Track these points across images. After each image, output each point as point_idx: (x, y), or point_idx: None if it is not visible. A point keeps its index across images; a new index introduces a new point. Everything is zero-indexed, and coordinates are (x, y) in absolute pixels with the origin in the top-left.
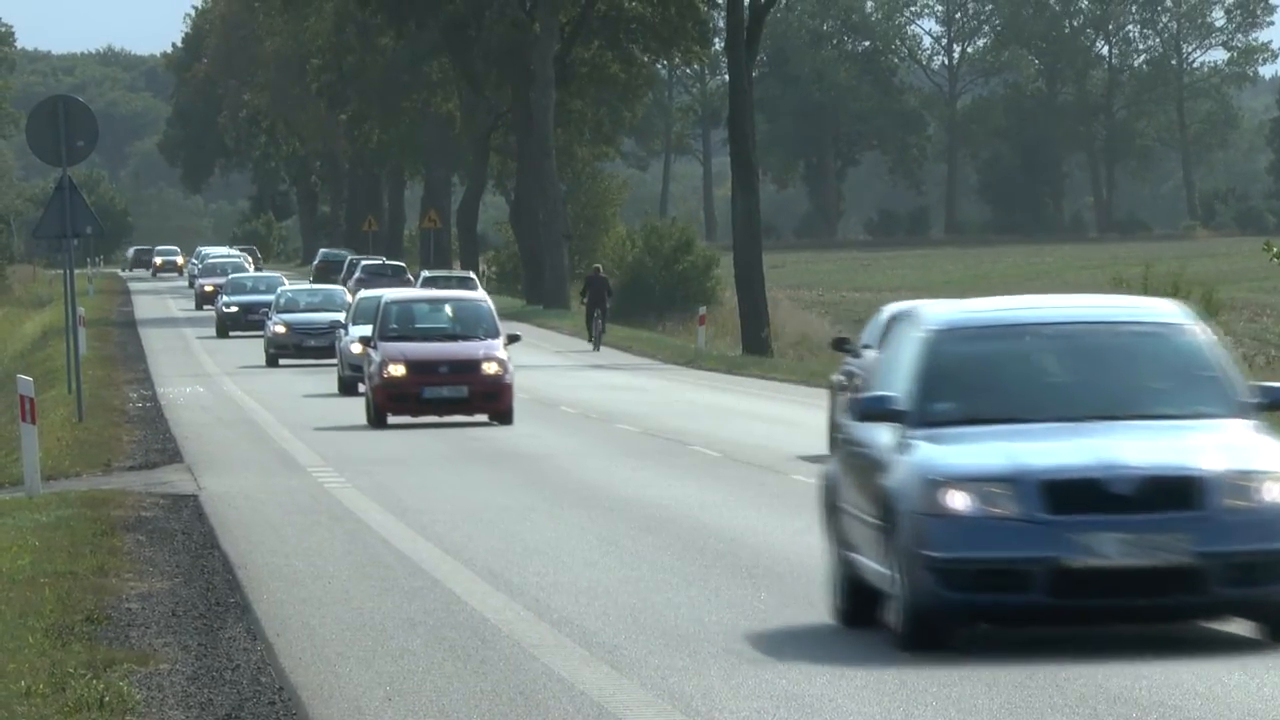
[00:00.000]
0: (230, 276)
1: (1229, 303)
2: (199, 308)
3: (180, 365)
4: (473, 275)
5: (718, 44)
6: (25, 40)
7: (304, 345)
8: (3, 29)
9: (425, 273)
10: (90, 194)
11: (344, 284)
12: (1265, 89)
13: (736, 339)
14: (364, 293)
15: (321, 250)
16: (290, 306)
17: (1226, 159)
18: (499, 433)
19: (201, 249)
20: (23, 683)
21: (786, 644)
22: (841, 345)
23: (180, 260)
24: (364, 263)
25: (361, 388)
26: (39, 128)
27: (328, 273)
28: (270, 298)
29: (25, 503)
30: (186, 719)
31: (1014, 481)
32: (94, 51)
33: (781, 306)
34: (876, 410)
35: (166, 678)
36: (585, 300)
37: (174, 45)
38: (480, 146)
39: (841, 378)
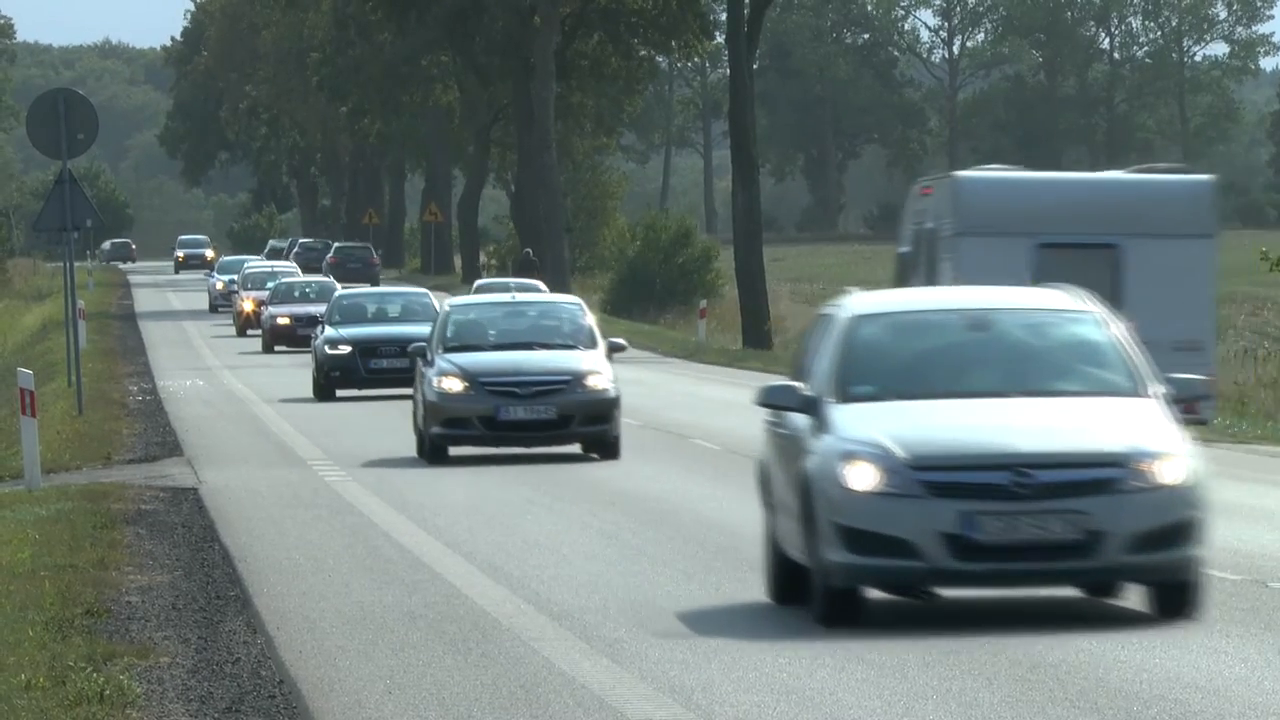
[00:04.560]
0: (337, 296)
1: (1230, 296)
2: (269, 349)
3: (180, 358)
4: (369, 245)
5: (718, 37)
6: (25, 33)
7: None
8: (3, 22)
9: (335, 244)
10: (90, 187)
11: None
12: (1266, 82)
13: (737, 332)
14: None
15: (270, 241)
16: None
17: (1227, 152)
18: None
19: (237, 259)
20: (23, 676)
21: (788, 638)
22: None
23: (210, 254)
24: (301, 241)
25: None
26: (39, 121)
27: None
28: (412, 329)
29: (25, 496)
30: (187, 712)
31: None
32: (94, 44)
33: (782, 300)
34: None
35: (167, 671)
36: None
37: (174, 38)
38: (481, 140)
39: None
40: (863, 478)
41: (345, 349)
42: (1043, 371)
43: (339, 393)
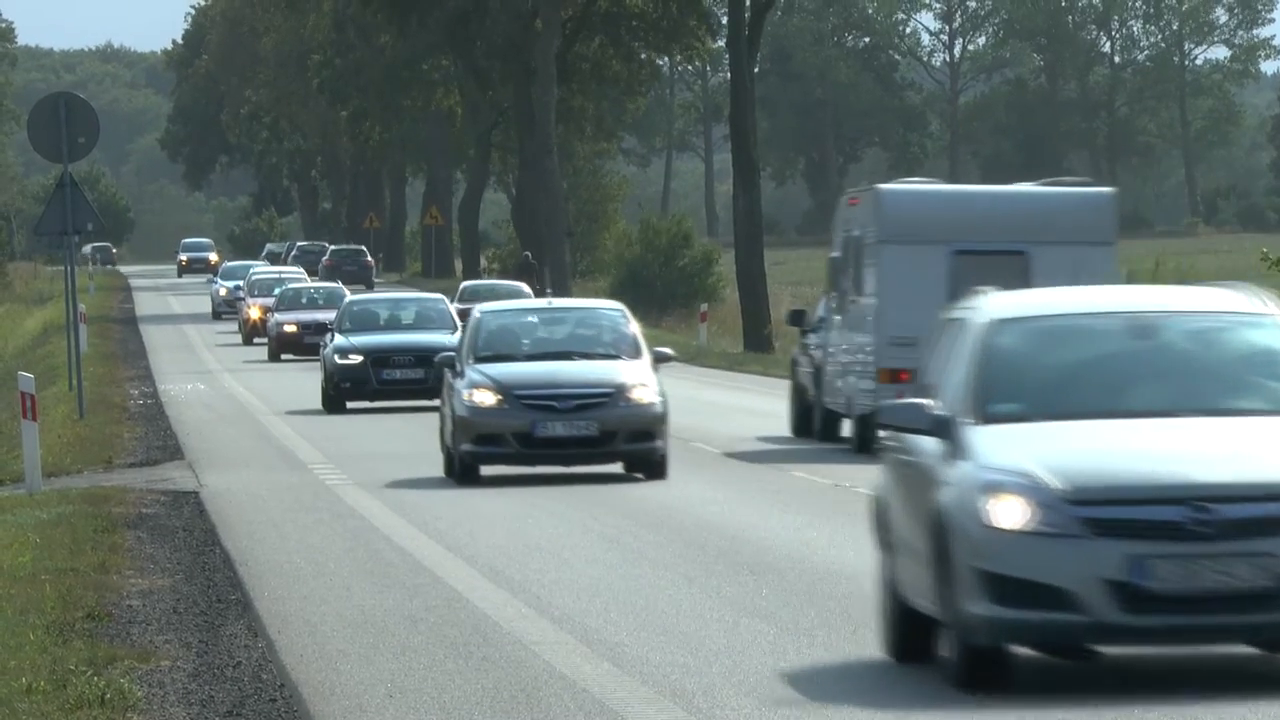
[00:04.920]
0: (348, 302)
1: None
2: (275, 357)
3: (181, 362)
4: (364, 248)
5: (719, 41)
6: (26, 37)
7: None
8: (4, 25)
9: (331, 247)
10: (91, 191)
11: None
12: (1267, 85)
13: (738, 336)
14: None
15: (267, 245)
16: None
17: (1228, 156)
18: None
19: (241, 264)
20: (24, 680)
21: (788, 641)
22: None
23: (214, 258)
24: (299, 244)
25: None
26: (40, 124)
27: (273, 264)
28: (427, 337)
29: (26, 499)
30: (188, 716)
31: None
32: (95, 48)
33: (783, 303)
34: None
35: (168, 675)
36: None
37: (175, 42)
38: (482, 144)
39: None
40: (1010, 514)
41: (356, 358)
42: (1217, 387)
43: (349, 404)
